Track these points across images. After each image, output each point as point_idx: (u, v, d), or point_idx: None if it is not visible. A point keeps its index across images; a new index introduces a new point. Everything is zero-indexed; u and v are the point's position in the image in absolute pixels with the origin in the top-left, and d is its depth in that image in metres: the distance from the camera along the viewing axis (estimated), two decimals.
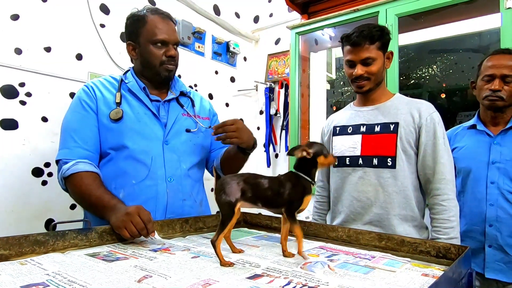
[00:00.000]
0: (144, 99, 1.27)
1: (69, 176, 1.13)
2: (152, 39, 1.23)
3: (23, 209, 1.68)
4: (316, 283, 0.66)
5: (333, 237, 1.07)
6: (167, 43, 1.25)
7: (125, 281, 0.66)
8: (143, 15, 1.25)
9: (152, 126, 1.25)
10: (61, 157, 1.18)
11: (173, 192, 1.24)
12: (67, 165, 1.14)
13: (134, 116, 1.23)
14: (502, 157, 1.40)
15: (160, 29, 1.24)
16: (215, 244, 0.78)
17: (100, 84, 1.28)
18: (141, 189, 1.21)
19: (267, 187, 0.82)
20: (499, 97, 1.40)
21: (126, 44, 1.30)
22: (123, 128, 1.21)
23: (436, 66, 3.45)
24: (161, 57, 1.25)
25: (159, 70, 1.26)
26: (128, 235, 0.94)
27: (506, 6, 1.68)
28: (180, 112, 1.33)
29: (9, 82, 1.65)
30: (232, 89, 2.93)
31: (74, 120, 1.21)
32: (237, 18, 2.97)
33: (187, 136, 1.31)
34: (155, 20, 1.24)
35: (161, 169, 1.23)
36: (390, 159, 1.28)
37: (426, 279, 0.70)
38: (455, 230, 1.20)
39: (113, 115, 1.21)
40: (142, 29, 1.24)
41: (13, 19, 1.66)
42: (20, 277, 0.66)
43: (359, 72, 1.29)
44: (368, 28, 1.27)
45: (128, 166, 1.21)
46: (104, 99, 1.24)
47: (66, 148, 1.18)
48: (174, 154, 1.26)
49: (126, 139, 1.21)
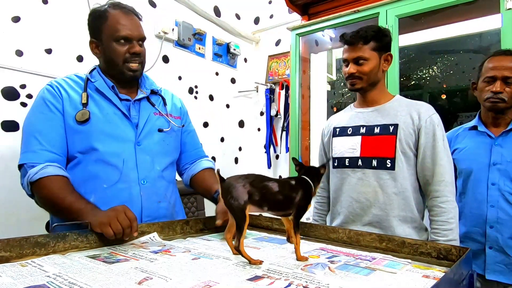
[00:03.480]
0: (113, 98, 1.21)
1: (37, 181, 1.06)
2: (114, 35, 1.16)
3: (24, 211, 1.68)
4: (316, 284, 0.66)
5: (333, 238, 1.06)
6: (130, 40, 1.18)
7: (125, 283, 0.66)
8: (103, 10, 1.18)
9: (123, 127, 1.20)
10: (26, 161, 1.09)
11: (148, 194, 1.20)
12: (34, 169, 1.07)
13: (102, 117, 1.17)
14: (503, 159, 1.40)
15: (123, 24, 1.17)
16: (239, 249, 0.78)
17: (64, 83, 1.20)
18: (113, 193, 1.15)
19: (277, 191, 0.81)
20: (500, 99, 1.40)
21: (89, 42, 1.23)
22: (91, 130, 1.15)
23: (436, 67, 3.45)
24: (124, 54, 1.18)
25: (123, 68, 1.19)
26: (111, 232, 0.90)
27: (507, 7, 1.68)
28: (151, 111, 1.28)
29: (10, 84, 1.65)
30: (232, 91, 2.94)
31: (39, 121, 1.13)
32: (237, 20, 2.97)
33: (159, 136, 1.27)
34: (116, 16, 1.17)
35: (133, 171, 1.18)
36: (389, 160, 1.28)
37: (427, 280, 0.70)
38: (454, 232, 1.20)
39: (79, 117, 1.14)
40: (103, 26, 1.17)
41: (14, 21, 1.67)
42: (20, 279, 0.66)
43: (351, 71, 1.31)
44: (365, 29, 1.29)
45: (98, 170, 1.15)
46: (70, 99, 1.16)
47: (30, 151, 1.10)
48: (147, 155, 1.22)
49: (95, 141, 1.15)
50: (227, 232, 0.86)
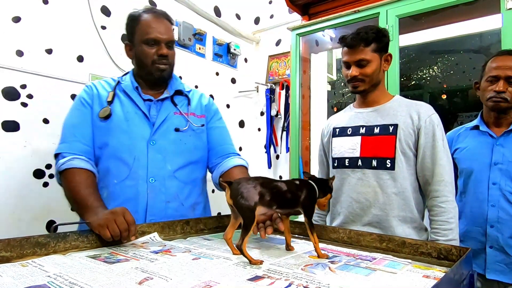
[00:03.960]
0: (136, 98, 1.26)
1: (63, 171, 1.13)
2: (144, 38, 1.22)
3: (24, 211, 1.68)
4: (317, 284, 0.66)
5: (334, 238, 1.07)
6: (159, 42, 1.23)
7: (126, 283, 0.66)
8: (137, 14, 1.25)
9: (141, 125, 1.24)
10: (60, 151, 1.19)
11: (155, 193, 1.21)
12: (63, 159, 1.14)
13: (123, 115, 1.23)
14: (505, 158, 1.40)
15: (152, 27, 1.22)
16: (241, 248, 0.79)
17: (99, 84, 1.31)
18: (121, 189, 1.19)
19: (286, 190, 0.86)
20: (503, 98, 1.40)
21: (124, 45, 1.31)
22: (109, 127, 1.21)
23: (437, 67, 3.45)
24: (152, 56, 1.23)
25: (151, 69, 1.25)
26: (109, 234, 0.90)
27: (507, 7, 1.68)
28: (172, 111, 1.29)
29: (11, 84, 1.65)
30: (233, 91, 2.94)
31: (74, 116, 1.24)
32: (237, 20, 2.97)
33: (176, 135, 1.27)
34: (148, 19, 1.23)
35: (143, 169, 1.20)
36: (389, 160, 1.28)
37: (427, 280, 0.70)
38: (454, 232, 1.20)
39: (101, 114, 1.22)
40: (136, 29, 1.24)
41: (15, 21, 1.67)
42: (21, 279, 0.66)
43: (354, 74, 1.30)
44: (365, 30, 1.28)
45: (110, 165, 1.21)
46: (99, 97, 1.26)
47: (64, 142, 1.20)
48: (159, 154, 1.23)
49: (111, 137, 1.21)
50: (227, 233, 0.86)
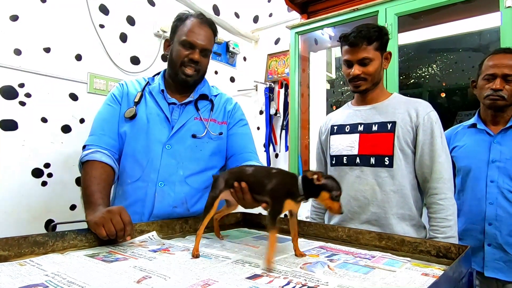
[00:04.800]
0: (161, 101, 1.27)
1: (84, 162, 1.16)
2: (181, 39, 1.23)
3: (23, 210, 1.68)
4: (315, 283, 0.66)
5: (333, 237, 1.07)
6: (194, 47, 1.23)
7: (124, 281, 0.66)
8: (186, 16, 1.27)
9: (161, 128, 1.24)
10: (87, 143, 1.21)
11: (162, 197, 1.20)
12: (87, 151, 1.17)
13: (146, 116, 1.24)
14: (502, 156, 1.40)
15: (193, 31, 1.23)
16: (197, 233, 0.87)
17: (130, 82, 1.33)
18: (133, 189, 1.22)
19: (250, 174, 0.88)
20: (500, 96, 1.40)
21: (164, 41, 1.34)
22: (132, 127, 1.23)
23: (436, 65, 3.45)
24: (183, 57, 1.23)
25: (178, 71, 1.25)
26: (104, 233, 0.90)
27: (506, 5, 1.68)
28: (192, 116, 1.28)
29: (9, 83, 1.65)
30: (231, 89, 2.93)
31: (105, 111, 1.27)
32: (236, 18, 2.97)
33: (192, 141, 1.25)
34: (192, 22, 1.25)
35: (154, 172, 1.21)
36: (387, 158, 1.28)
37: (426, 278, 0.70)
38: (453, 229, 1.20)
39: (127, 114, 1.24)
40: (178, 28, 1.26)
41: (13, 20, 1.66)
42: (19, 278, 0.66)
43: (356, 72, 1.29)
44: (367, 29, 1.26)
45: (126, 165, 1.23)
46: (128, 96, 1.28)
47: (93, 135, 1.23)
48: (173, 159, 1.22)
49: (130, 138, 1.23)
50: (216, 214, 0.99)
